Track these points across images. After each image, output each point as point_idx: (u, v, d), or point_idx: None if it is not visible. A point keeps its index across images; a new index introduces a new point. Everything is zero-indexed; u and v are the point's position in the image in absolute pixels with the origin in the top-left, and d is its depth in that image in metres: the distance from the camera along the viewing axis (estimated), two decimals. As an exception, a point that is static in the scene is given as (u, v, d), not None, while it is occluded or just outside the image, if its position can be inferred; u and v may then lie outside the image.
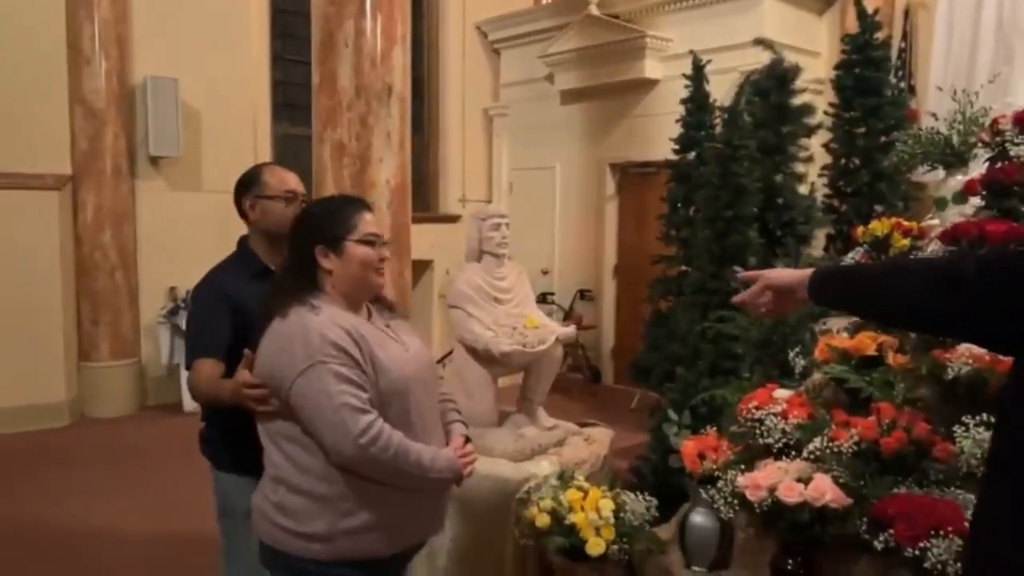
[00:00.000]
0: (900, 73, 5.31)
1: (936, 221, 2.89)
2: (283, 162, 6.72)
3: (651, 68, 6.53)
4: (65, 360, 5.85)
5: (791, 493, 1.97)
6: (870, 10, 4.28)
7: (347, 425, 1.59)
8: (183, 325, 4.49)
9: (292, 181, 2.25)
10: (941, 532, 1.74)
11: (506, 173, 8.08)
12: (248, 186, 2.21)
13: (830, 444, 2.09)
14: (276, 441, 1.71)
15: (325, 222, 1.77)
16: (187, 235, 6.07)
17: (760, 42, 4.35)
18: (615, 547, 2.38)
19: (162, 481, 4.48)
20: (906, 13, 5.52)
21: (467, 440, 1.90)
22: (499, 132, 8.10)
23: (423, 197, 7.65)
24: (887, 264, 2.21)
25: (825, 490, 1.95)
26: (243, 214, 2.23)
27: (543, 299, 6.86)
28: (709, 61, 5.25)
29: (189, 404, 5.56)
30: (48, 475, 4.69)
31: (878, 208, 3.99)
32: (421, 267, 7.29)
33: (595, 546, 2.36)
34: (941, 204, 2.84)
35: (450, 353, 7.29)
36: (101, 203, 5.98)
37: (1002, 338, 1.16)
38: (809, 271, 1.48)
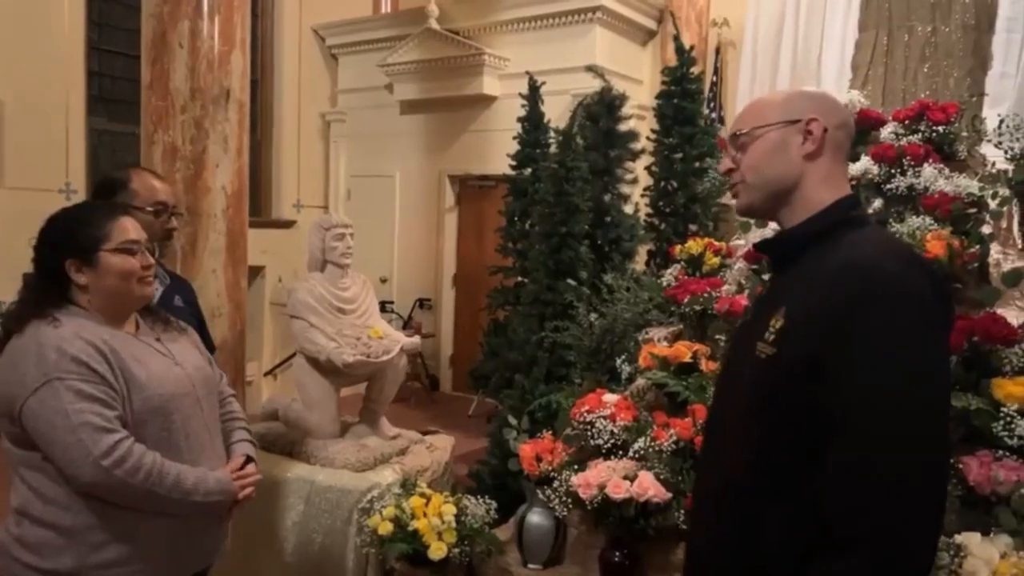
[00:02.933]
0: (712, 105, 5.85)
1: (742, 242, 3.24)
2: (99, 159, 6.32)
3: (489, 85, 6.72)
4: None
5: (618, 490, 2.15)
6: (687, 45, 4.67)
7: (87, 446, 1.46)
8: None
9: (162, 192, 2.15)
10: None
11: (344, 180, 7.96)
12: (114, 192, 2.09)
13: (652, 443, 2.30)
14: (18, 471, 1.58)
15: (74, 233, 1.60)
16: (-17, 236, 5.48)
17: (590, 69, 4.62)
18: (456, 550, 2.46)
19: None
20: (717, 50, 6.08)
21: (248, 460, 1.79)
22: (336, 138, 7.97)
23: (255, 201, 7.37)
24: None
25: (648, 486, 2.15)
26: None
27: (383, 307, 6.82)
28: (544, 83, 5.49)
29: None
30: None
31: (692, 228, 4.36)
32: (252, 273, 7.00)
33: (437, 550, 2.43)
34: (745, 227, 3.19)
35: (284, 362, 7.08)
36: None
37: None
38: None
